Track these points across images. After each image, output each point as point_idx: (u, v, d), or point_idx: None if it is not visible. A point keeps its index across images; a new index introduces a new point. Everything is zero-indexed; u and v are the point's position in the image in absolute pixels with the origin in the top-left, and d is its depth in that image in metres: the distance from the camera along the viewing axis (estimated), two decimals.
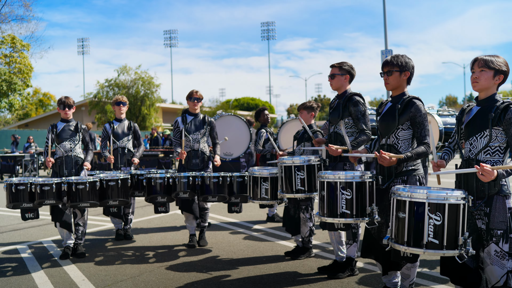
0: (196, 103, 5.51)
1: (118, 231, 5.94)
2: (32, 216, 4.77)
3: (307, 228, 4.80)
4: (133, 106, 31.38)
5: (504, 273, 2.66)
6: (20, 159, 15.83)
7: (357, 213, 3.29)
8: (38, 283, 4.17)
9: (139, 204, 8.65)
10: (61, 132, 5.15)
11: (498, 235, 2.67)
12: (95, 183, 4.75)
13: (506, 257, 2.66)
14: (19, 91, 23.22)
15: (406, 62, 3.28)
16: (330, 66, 4.21)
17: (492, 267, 2.69)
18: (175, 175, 5.08)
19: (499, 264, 2.67)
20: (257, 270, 4.48)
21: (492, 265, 2.69)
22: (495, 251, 2.67)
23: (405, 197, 2.69)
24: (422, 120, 3.20)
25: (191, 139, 5.45)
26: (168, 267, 4.61)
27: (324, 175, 3.40)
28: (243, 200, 5.13)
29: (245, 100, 60.25)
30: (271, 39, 61.04)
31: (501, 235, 2.66)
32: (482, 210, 2.73)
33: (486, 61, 2.75)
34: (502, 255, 2.66)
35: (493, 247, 2.68)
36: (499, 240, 2.67)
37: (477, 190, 2.73)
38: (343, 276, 4.15)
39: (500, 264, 2.66)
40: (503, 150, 2.74)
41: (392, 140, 3.31)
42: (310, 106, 4.94)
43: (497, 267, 2.67)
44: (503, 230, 2.67)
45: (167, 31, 60.19)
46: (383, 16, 19.62)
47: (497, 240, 2.67)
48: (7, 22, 24.25)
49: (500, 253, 2.67)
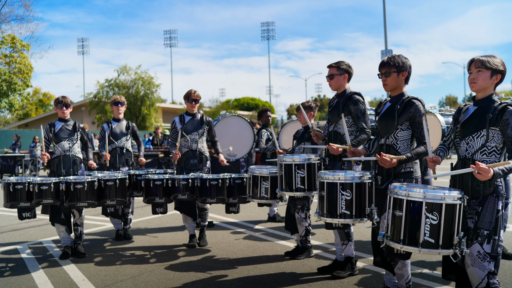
0: (194, 104, 5.51)
1: (118, 232, 5.94)
2: (29, 215, 4.75)
3: (303, 227, 4.81)
4: (133, 106, 31.40)
5: (485, 275, 2.66)
6: (20, 159, 15.85)
7: (356, 214, 3.30)
8: (38, 283, 4.17)
9: (138, 204, 8.65)
10: (59, 131, 5.16)
11: (484, 235, 2.67)
12: (93, 183, 4.76)
13: (487, 258, 2.66)
14: (19, 91, 23.23)
15: (403, 62, 3.29)
16: (327, 66, 4.20)
17: (473, 269, 2.70)
18: (173, 176, 5.07)
19: (479, 265, 2.67)
20: (257, 270, 4.48)
21: (472, 266, 2.70)
22: (478, 251, 2.68)
23: (402, 196, 2.69)
24: (421, 120, 3.20)
25: (189, 139, 5.45)
26: (168, 267, 4.61)
27: (324, 175, 3.40)
28: (241, 201, 5.13)
29: (245, 100, 60.27)
30: (271, 39, 61.06)
31: (486, 235, 2.67)
32: (474, 209, 2.73)
33: (482, 61, 2.75)
34: (484, 256, 2.67)
35: (476, 247, 2.68)
36: (484, 240, 2.67)
37: (472, 189, 2.74)
38: (344, 274, 4.16)
39: (480, 266, 2.67)
40: (500, 150, 2.74)
41: (391, 140, 3.31)
42: (309, 106, 4.95)
43: (478, 269, 2.67)
44: (489, 231, 2.67)
45: (167, 31, 60.24)
46: (383, 16, 19.64)
47: (482, 240, 2.67)
48: (7, 22, 24.28)
49: (482, 255, 2.67)
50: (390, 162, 3.11)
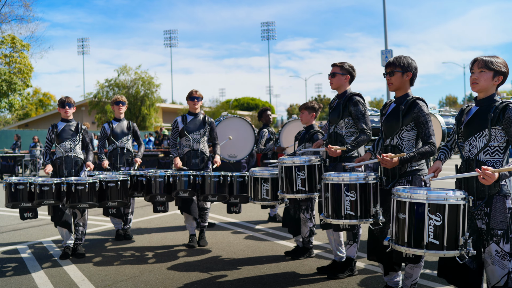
0: (196, 102, 5.52)
1: (118, 231, 5.94)
2: (31, 215, 4.76)
3: (307, 228, 4.80)
4: (133, 106, 31.40)
5: (505, 273, 2.66)
6: (20, 159, 15.85)
7: (362, 214, 3.29)
8: (38, 283, 4.17)
9: (139, 204, 8.65)
10: (62, 132, 5.16)
11: (498, 235, 2.67)
12: (95, 184, 4.75)
13: (507, 257, 2.67)
14: (19, 91, 23.24)
15: (408, 63, 3.29)
16: (331, 65, 4.20)
17: (493, 267, 2.69)
18: (175, 173, 5.07)
19: (500, 264, 2.67)
20: (257, 270, 4.48)
21: (493, 265, 2.69)
22: (496, 251, 2.68)
23: (405, 198, 2.69)
24: (426, 120, 3.21)
25: (191, 138, 5.46)
26: (168, 267, 4.61)
27: (329, 177, 3.40)
28: (243, 201, 5.12)
29: (245, 100, 60.26)
30: (271, 39, 61.08)
31: (501, 235, 2.67)
32: (482, 210, 2.73)
33: (486, 62, 2.74)
34: (503, 255, 2.67)
35: (493, 247, 2.68)
36: (500, 240, 2.67)
37: (477, 190, 2.73)
38: (343, 276, 4.15)
39: (501, 264, 2.67)
40: (503, 150, 2.74)
41: (396, 141, 3.32)
42: (312, 107, 4.93)
43: (498, 267, 2.67)
44: (504, 230, 2.67)
45: (167, 31, 60.23)
46: (383, 16, 19.64)
47: (497, 240, 2.67)
48: (7, 22, 24.28)
49: (501, 253, 2.67)
50: (391, 162, 3.11)
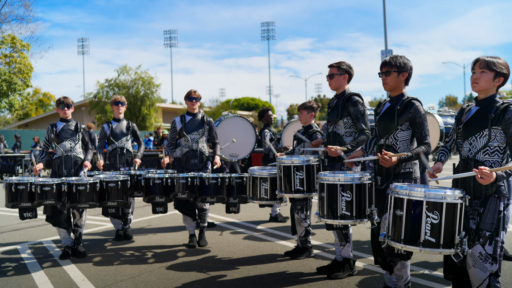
0: (194, 102, 5.52)
1: (118, 232, 5.94)
2: (30, 215, 4.76)
3: (302, 228, 4.81)
4: (133, 106, 31.41)
5: (486, 276, 2.65)
6: (20, 159, 15.84)
7: (357, 215, 3.30)
8: (38, 283, 4.18)
9: (138, 204, 8.65)
10: (61, 131, 5.16)
11: (485, 236, 2.67)
12: (95, 184, 4.76)
13: (489, 259, 2.65)
14: (19, 91, 23.24)
15: (404, 63, 3.30)
16: (328, 66, 4.22)
17: (474, 270, 2.69)
18: (173, 175, 5.08)
19: (481, 267, 2.66)
20: (257, 270, 4.48)
21: (474, 267, 2.69)
22: (480, 253, 2.67)
23: (403, 195, 2.70)
24: (422, 120, 3.22)
25: (190, 139, 5.46)
26: (168, 267, 4.61)
27: (324, 176, 3.40)
28: (241, 201, 5.13)
29: (245, 100, 60.27)
30: (271, 39, 61.07)
31: (488, 236, 2.66)
32: (476, 210, 2.73)
33: (487, 62, 2.74)
34: (486, 257, 2.66)
35: (478, 248, 2.68)
36: (485, 242, 2.66)
37: (474, 189, 2.73)
38: (343, 276, 4.16)
39: (482, 267, 2.66)
40: (502, 150, 2.74)
41: (391, 140, 3.32)
42: (310, 106, 4.94)
43: (479, 270, 2.67)
44: (491, 232, 2.66)
45: (167, 31, 60.23)
46: (383, 17, 19.64)
47: (483, 241, 2.67)
48: (7, 22, 24.28)
49: (484, 256, 2.66)
50: (391, 161, 3.12)
